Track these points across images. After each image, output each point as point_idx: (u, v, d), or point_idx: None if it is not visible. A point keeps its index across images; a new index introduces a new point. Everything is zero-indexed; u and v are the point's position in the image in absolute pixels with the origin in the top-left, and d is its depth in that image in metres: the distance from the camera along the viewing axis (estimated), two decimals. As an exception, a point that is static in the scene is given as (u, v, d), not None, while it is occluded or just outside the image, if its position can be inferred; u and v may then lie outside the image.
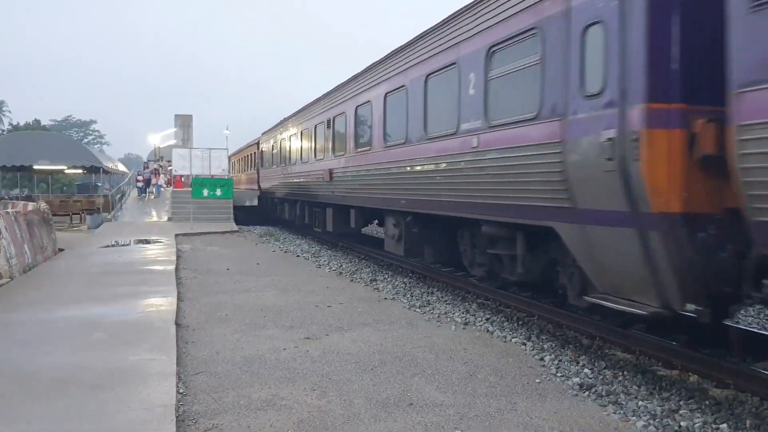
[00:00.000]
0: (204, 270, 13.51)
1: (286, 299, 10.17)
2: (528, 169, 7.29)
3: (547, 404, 5.38)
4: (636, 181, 5.57)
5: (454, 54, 9.21)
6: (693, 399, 5.52)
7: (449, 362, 6.59)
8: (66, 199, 35.44)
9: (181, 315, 8.74)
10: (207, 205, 26.13)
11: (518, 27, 7.55)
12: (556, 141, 6.69)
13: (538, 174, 7.08)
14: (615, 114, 5.83)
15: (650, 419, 5.06)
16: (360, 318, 8.75)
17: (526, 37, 7.43)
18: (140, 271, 12.54)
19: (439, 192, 9.80)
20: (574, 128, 6.43)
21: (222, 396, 5.47)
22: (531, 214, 7.35)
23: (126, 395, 5.12)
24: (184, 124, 59.28)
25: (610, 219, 6.03)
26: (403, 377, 6.05)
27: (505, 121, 7.82)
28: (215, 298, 10.25)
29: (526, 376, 6.18)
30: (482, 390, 5.71)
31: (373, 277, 12.68)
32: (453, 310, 9.40)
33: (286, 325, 8.30)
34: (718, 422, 4.99)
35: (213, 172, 27.98)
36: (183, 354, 6.76)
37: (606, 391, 5.68)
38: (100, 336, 7.13)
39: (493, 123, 8.10)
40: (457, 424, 4.89)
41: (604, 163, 5.89)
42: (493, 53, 8.14)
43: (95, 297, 9.62)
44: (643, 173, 5.49)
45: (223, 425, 4.81)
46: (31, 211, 14.98)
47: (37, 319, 8.07)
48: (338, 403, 5.33)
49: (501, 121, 7.93)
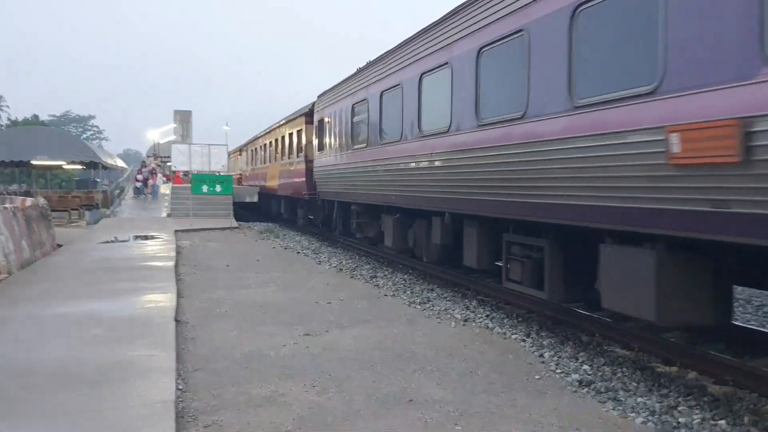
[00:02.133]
0: (203, 266, 13.50)
1: (286, 296, 10.16)
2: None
3: (547, 400, 5.38)
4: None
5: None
6: (692, 395, 5.52)
7: (449, 359, 6.59)
8: (65, 195, 35.46)
9: (181, 311, 8.73)
10: (207, 202, 26.09)
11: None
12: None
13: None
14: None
15: (649, 415, 5.06)
16: (360, 315, 8.75)
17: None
18: (139, 267, 12.52)
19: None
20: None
21: (221, 392, 5.46)
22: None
23: (125, 391, 5.11)
24: (183, 119, 59.17)
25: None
26: (403, 374, 6.05)
27: None
28: (215, 294, 10.24)
29: (526, 372, 6.18)
30: (482, 386, 5.71)
31: (373, 274, 12.68)
32: (453, 306, 9.41)
33: (286, 321, 8.29)
34: (717, 418, 4.99)
35: (213, 168, 27.90)
36: (182, 350, 6.76)
37: (605, 388, 5.68)
38: (99, 332, 7.11)
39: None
40: (457, 420, 4.89)
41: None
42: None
43: (94, 293, 9.60)
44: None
45: (222, 421, 4.81)
46: (29, 207, 14.96)
47: (35, 314, 8.06)
48: (338, 399, 5.33)
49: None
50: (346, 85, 15.88)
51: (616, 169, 5.87)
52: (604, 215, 6.14)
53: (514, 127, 7.67)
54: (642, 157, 5.53)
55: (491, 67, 8.47)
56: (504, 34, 7.94)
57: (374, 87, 13.32)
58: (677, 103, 5.17)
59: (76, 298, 9.21)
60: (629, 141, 5.67)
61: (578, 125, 6.43)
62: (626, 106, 5.74)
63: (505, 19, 7.90)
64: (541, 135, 7.09)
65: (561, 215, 6.88)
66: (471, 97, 8.88)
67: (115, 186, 36.09)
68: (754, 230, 4.60)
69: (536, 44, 7.22)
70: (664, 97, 5.31)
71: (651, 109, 5.44)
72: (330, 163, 17.15)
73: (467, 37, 9.02)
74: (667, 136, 5.19)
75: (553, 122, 6.85)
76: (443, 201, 10.02)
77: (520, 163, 7.53)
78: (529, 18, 7.34)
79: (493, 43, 8.26)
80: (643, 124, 5.51)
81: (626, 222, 5.85)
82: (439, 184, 10.06)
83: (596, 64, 6.30)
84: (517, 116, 7.61)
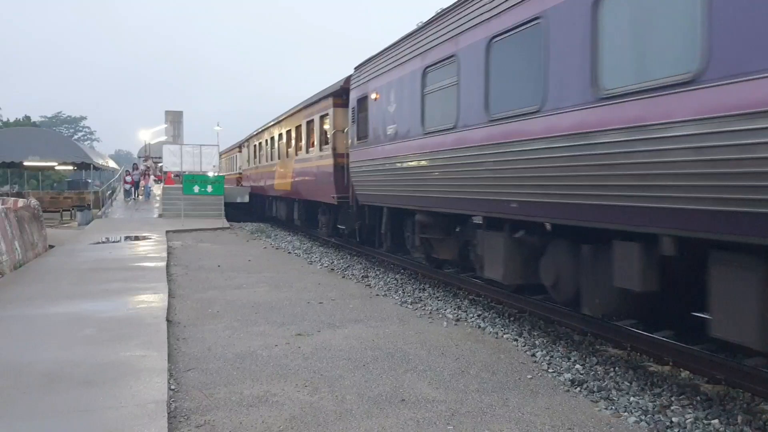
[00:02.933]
0: (195, 266, 13.46)
1: (278, 295, 10.14)
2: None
3: (539, 400, 5.38)
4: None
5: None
6: (684, 395, 5.54)
7: (441, 358, 6.59)
8: (56, 196, 35.33)
9: (173, 311, 8.70)
10: (198, 202, 26.04)
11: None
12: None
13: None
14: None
15: (642, 415, 5.07)
16: (352, 314, 8.74)
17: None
18: (131, 267, 12.47)
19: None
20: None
21: (214, 392, 5.45)
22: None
23: (117, 391, 5.09)
24: (174, 120, 59.00)
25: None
26: (394, 373, 6.05)
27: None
28: (206, 294, 10.21)
29: (518, 371, 6.19)
30: (474, 386, 5.71)
31: (364, 274, 12.67)
32: (445, 306, 9.41)
33: (278, 321, 8.27)
34: (710, 418, 5.00)
35: (204, 168, 27.82)
36: (174, 350, 6.73)
37: (597, 387, 5.69)
38: (91, 332, 7.08)
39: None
40: (449, 420, 4.89)
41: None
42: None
43: (86, 293, 9.56)
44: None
45: (215, 421, 4.79)
46: (21, 208, 14.86)
47: (27, 315, 8.01)
48: (330, 399, 5.32)
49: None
50: (410, 42, 10.74)
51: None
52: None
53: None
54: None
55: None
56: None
57: (473, 34, 8.41)
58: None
59: (69, 298, 9.17)
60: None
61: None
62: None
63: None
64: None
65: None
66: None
67: (107, 187, 35.89)
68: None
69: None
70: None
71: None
72: (379, 155, 12.19)
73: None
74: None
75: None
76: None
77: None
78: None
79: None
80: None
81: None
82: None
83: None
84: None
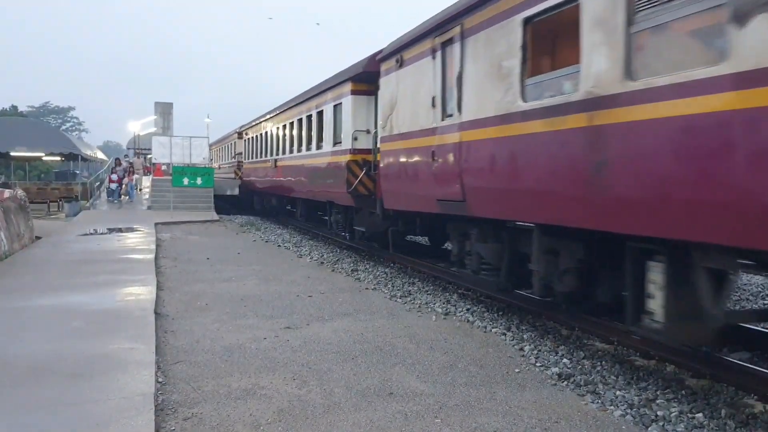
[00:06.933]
0: (184, 259, 13.41)
1: (267, 289, 10.13)
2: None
3: (527, 394, 5.42)
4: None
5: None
6: (670, 389, 5.58)
7: (429, 352, 6.62)
8: (44, 187, 35.04)
9: (161, 304, 8.68)
10: (187, 194, 25.90)
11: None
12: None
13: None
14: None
15: (628, 408, 5.11)
16: (341, 308, 8.75)
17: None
18: (119, 259, 12.41)
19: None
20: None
21: (201, 385, 5.44)
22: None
23: (104, 384, 5.08)
24: (164, 111, 58.49)
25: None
26: (383, 367, 6.06)
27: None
28: (195, 287, 10.18)
29: (506, 365, 6.22)
30: (462, 379, 5.74)
31: (354, 267, 12.67)
32: (434, 300, 9.43)
33: (267, 314, 8.27)
34: (694, 411, 5.05)
35: (194, 160, 27.63)
36: (162, 343, 6.72)
37: (584, 381, 5.73)
38: (78, 324, 7.05)
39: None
40: (437, 413, 4.91)
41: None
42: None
43: (73, 285, 9.51)
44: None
45: (202, 414, 4.79)
46: (7, 198, 14.75)
47: (13, 307, 7.96)
48: (318, 392, 5.33)
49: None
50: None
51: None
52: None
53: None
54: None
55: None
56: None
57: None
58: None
59: (56, 290, 9.11)
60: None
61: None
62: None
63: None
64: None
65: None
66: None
67: (95, 178, 35.63)
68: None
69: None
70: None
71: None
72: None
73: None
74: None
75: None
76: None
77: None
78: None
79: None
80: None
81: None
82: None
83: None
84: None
